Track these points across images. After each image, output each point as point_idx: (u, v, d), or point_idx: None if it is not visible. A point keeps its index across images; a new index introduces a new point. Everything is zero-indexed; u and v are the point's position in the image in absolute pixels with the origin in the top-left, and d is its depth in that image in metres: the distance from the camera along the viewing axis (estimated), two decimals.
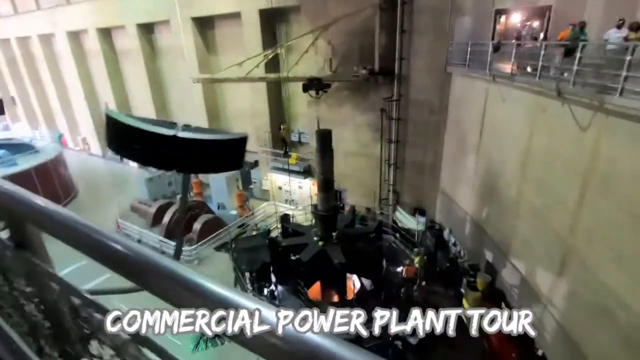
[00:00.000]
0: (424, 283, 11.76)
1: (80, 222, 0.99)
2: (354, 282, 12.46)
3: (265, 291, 11.52)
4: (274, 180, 19.67)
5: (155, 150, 1.46)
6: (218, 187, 19.62)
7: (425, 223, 14.77)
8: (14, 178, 17.43)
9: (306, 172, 18.11)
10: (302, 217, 17.76)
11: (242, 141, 1.63)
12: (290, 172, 17.20)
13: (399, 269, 12.02)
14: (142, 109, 25.36)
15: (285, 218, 13.81)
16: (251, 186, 21.10)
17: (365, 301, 11.04)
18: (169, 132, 1.43)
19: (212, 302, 0.65)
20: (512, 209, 9.58)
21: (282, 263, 11.66)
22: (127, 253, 0.84)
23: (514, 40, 9.49)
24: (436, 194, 14.73)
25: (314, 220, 14.75)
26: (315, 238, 12.17)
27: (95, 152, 31.09)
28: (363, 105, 15.22)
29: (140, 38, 22.45)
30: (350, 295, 11.80)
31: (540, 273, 8.40)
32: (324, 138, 11.08)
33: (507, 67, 9.62)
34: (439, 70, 12.92)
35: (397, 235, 14.22)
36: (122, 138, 1.51)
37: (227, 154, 1.63)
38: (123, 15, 22.32)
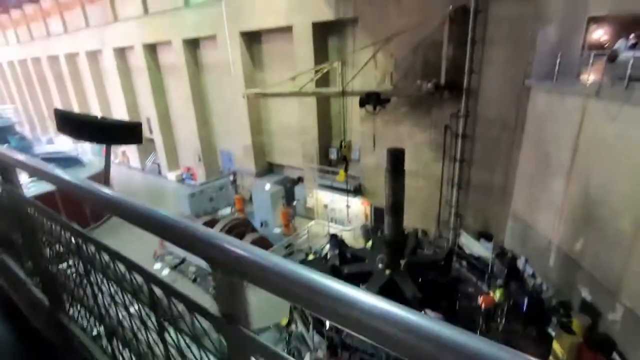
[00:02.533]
0: (504, 320, 10.50)
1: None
2: None
3: (327, 324, 10.53)
4: (319, 198, 18.89)
5: None
6: (262, 203, 18.99)
7: (492, 249, 13.47)
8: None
9: (356, 191, 17.22)
10: (350, 236, 16.85)
11: None
12: (347, 192, 16.40)
13: (478, 300, 10.76)
14: (183, 123, 25.41)
15: (342, 241, 12.88)
16: (294, 203, 20.38)
17: None
18: None
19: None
20: (624, 242, 8.28)
21: None
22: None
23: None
24: (506, 218, 13.45)
25: (369, 244, 13.81)
26: (380, 265, 11.16)
27: (135, 165, 31.44)
28: (424, 121, 14.28)
29: (186, 53, 22.56)
30: None
31: None
32: (397, 157, 10.20)
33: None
34: (515, 84, 11.86)
35: (465, 263, 12.99)
36: None
37: None
38: (170, 31, 22.55)
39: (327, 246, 16.08)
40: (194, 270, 15.15)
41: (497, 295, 10.57)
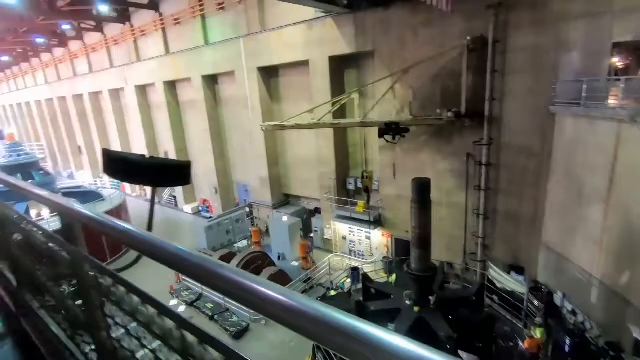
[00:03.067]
0: None
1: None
2: None
3: None
4: (337, 229, 18.47)
5: None
6: (279, 235, 18.63)
7: (525, 283, 12.68)
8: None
9: (376, 222, 16.78)
10: (371, 269, 16.20)
11: None
12: (369, 223, 16.02)
13: (519, 342, 9.97)
14: (200, 155, 25.76)
15: (365, 275, 12.31)
16: (311, 235, 19.98)
17: None
18: None
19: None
20: None
21: None
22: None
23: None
24: (537, 249, 12.75)
25: (393, 278, 13.19)
26: (408, 302, 10.54)
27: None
28: (445, 150, 14.04)
29: (205, 89, 23.23)
30: None
31: None
32: (422, 188, 9.90)
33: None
34: (539, 111, 11.63)
35: (496, 298, 12.23)
36: None
37: None
38: (190, 69, 23.39)
39: (348, 280, 15.49)
40: (211, 307, 14.66)
41: (537, 334, 9.78)
